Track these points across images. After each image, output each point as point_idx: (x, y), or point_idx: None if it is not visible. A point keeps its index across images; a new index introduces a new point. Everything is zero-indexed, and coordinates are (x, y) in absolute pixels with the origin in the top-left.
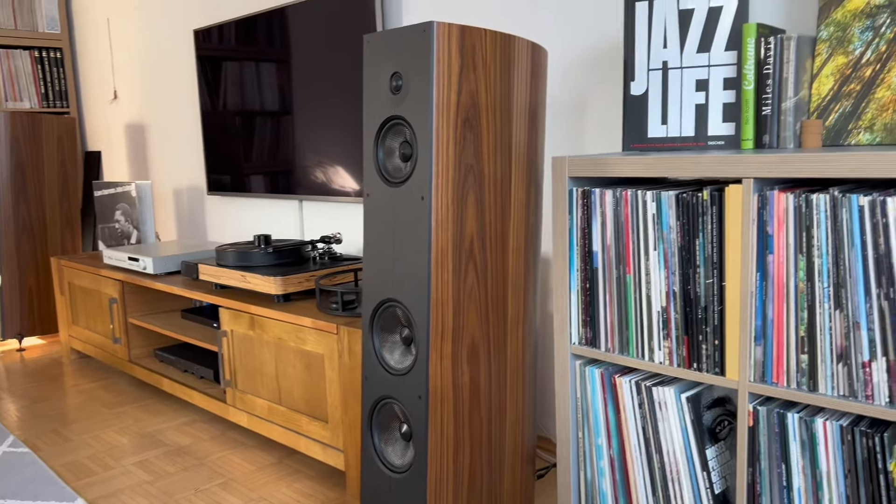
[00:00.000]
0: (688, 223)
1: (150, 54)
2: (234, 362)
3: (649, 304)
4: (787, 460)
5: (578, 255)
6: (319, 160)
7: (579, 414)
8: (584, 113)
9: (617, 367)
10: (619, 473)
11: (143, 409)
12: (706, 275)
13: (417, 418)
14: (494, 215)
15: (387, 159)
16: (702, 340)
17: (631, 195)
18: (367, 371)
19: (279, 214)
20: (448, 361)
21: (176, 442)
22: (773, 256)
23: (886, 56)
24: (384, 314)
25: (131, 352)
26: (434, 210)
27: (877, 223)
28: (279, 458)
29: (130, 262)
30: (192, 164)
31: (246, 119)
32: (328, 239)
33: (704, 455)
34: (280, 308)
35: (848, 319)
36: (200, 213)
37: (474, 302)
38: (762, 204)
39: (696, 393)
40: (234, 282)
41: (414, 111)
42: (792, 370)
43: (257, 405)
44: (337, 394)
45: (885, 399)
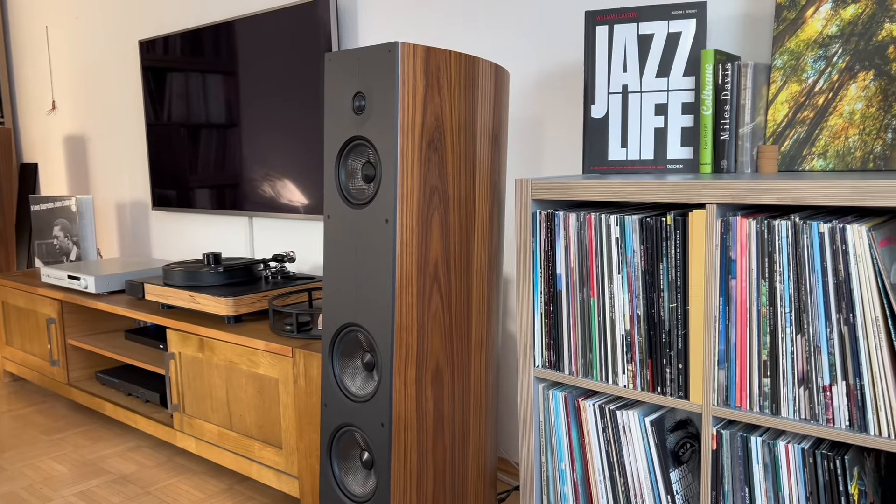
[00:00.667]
0: (651, 247)
1: (91, 64)
2: (182, 385)
3: (613, 328)
4: (750, 483)
5: (542, 277)
6: (268, 174)
7: (542, 438)
8: (542, 135)
9: (580, 390)
10: (582, 498)
11: (83, 434)
12: (670, 299)
13: (380, 446)
14: (459, 237)
15: (349, 180)
16: (665, 364)
17: (595, 218)
18: (326, 398)
19: (228, 231)
20: (412, 387)
21: (119, 470)
22: (735, 281)
23: (838, 85)
24: (345, 339)
25: (70, 374)
26: (399, 233)
27: (836, 250)
28: (230, 485)
29: (70, 280)
30: (136, 178)
31: (193, 132)
32: (281, 257)
33: (669, 478)
34: (231, 330)
35: (809, 344)
36: (145, 229)
37: (438, 325)
38: (725, 229)
39: (660, 416)
40: (183, 302)
41: (378, 132)
42: (755, 394)
43: (207, 430)
44: (292, 419)
45: (846, 422)
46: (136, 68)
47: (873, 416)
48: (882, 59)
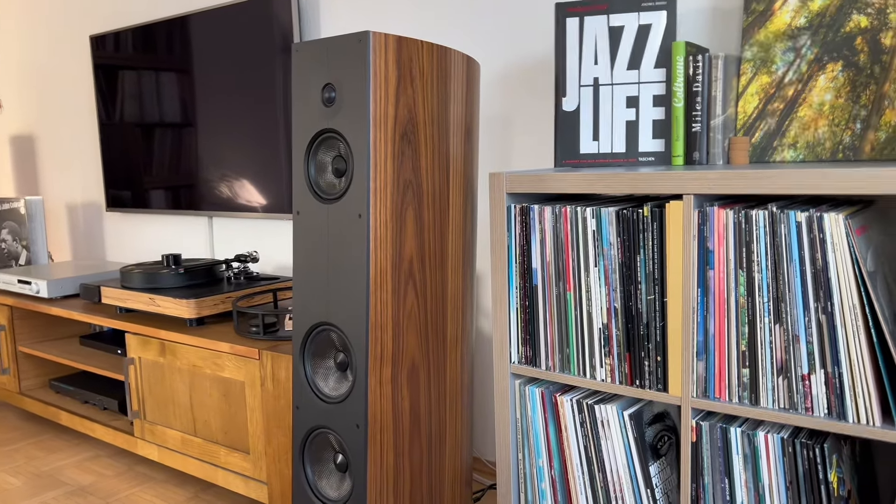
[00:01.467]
0: (629, 239)
1: (39, 61)
2: (142, 391)
3: (590, 321)
4: (730, 474)
5: (517, 272)
6: (227, 173)
7: (519, 435)
8: (511, 128)
9: (557, 385)
10: (560, 494)
11: (37, 445)
12: (648, 291)
13: (355, 448)
14: (433, 233)
15: (318, 175)
16: (644, 357)
17: (570, 211)
18: (298, 400)
19: (187, 232)
20: (387, 387)
21: (77, 481)
22: (713, 272)
23: (808, 76)
24: (317, 339)
25: (22, 383)
26: (373, 228)
27: (814, 238)
28: (195, 493)
29: (21, 285)
30: (88, 178)
31: (148, 130)
32: (244, 257)
33: (648, 472)
34: (194, 332)
35: (788, 333)
36: (98, 231)
37: (414, 323)
38: (703, 220)
39: (638, 409)
40: (142, 305)
41: (349, 124)
42: (734, 384)
43: (169, 437)
44: (259, 423)
45: (824, 411)
46: (87, 65)
47: (852, 403)
48: (850, 50)
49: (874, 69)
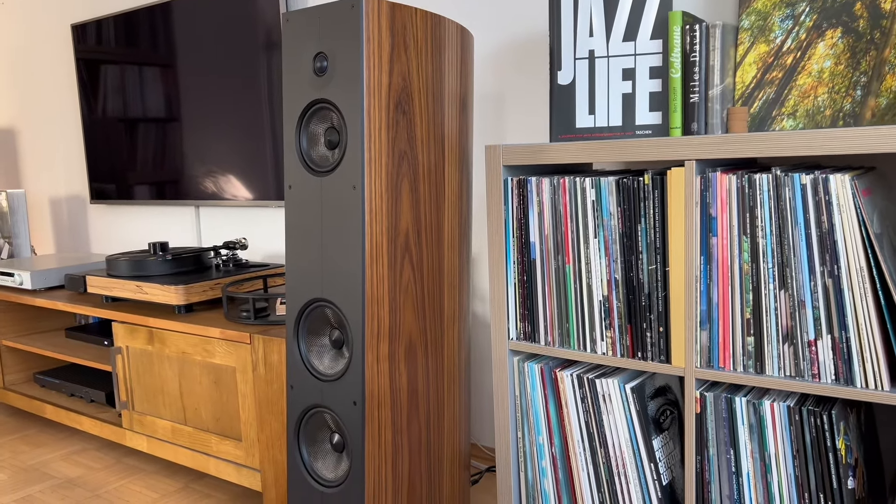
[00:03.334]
0: (629, 209)
1: (20, 52)
2: (130, 382)
3: (590, 294)
4: (735, 445)
5: (515, 246)
6: (212, 162)
7: (518, 412)
8: (504, 105)
9: (557, 360)
10: (561, 472)
11: (22, 440)
12: (649, 261)
13: (352, 426)
14: (429, 206)
15: (311, 147)
16: (646, 328)
17: (569, 182)
18: (292, 379)
19: (174, 222)
20: (385, 363)
21: (64, 474)
22: (716, 239)
23: (806, 44)
24: (311, 316)
25: (5, 377)
26: (367, 200)
27: (819, 201)
28: (185, 483)
29: (3, 277)
30: (71, 171)
31: (133, 120)
32: (232, 244)
33: (651, 446)
34: (183, 319)
35: (793, 299)
36: (83, 223)
37: (411, 298)
38: (705, 186)
39: (640, 383)
40: (129, 293)
41: (342, 94)
42: (738, 353)
43: (159, 427)
44: (251, 409)
45: (832, 377)
46: (69, 56)
47: (859, 368)
48: (849, 16)
49: (874, 35)
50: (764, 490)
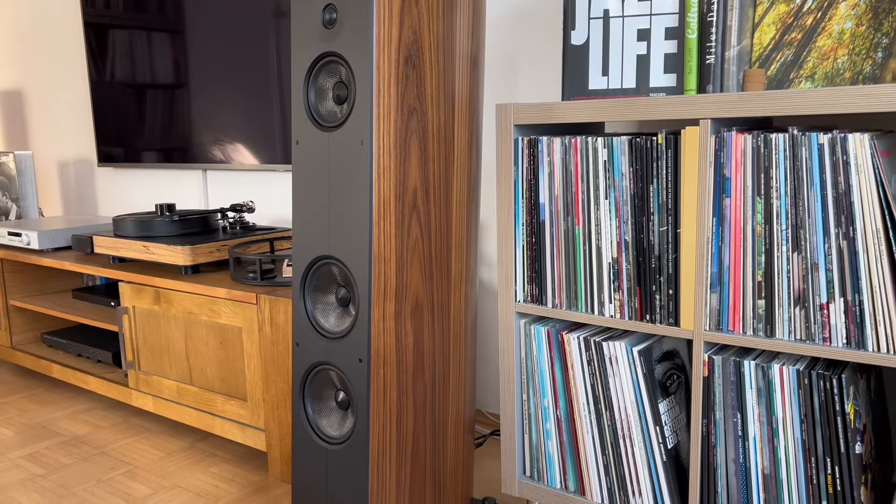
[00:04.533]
0: (641, 169)
1: (28, 14)
2: (136, 341)
3: (599, 256)
4: (742, 409)
5: (524, 208)
6: (220, 124)
7: (524, 375)
8: (515, 64)
9: (564, 323)
10: (566, 434)
11: (29, 398)
12: (660, 222)
13: (358, 384)
14: (438, 165)
15: (319, 102)
16: (655, 291)
17: (581, 142)
18: (298, 337)
19: (181, 186)
20: (391, 321)
21: (71, 431)
22: (730, 200)
23: (828, 4)
24: (317, 273)
25: (13, 337)
26: (376, 156)
27: (837, 161)
28: (191, 443)
29: (11, 237)
30: (79, 134)
31: (141, 84)
32: (239, 207)
33: (657, 409)
34: (189, 280)
35: (806, 261)
36: (90, 186)
37: (418, 258)
38: (719, 146)
39: (648, 346)
40: (136, 253)
41: (351, 47)
42: (748, 316)
43: (165, 387)
44: (257, 369)
45: (843, 340)
46: (77, 18)
47: (872, 331)
48: None
49: None
50: (770, 454)
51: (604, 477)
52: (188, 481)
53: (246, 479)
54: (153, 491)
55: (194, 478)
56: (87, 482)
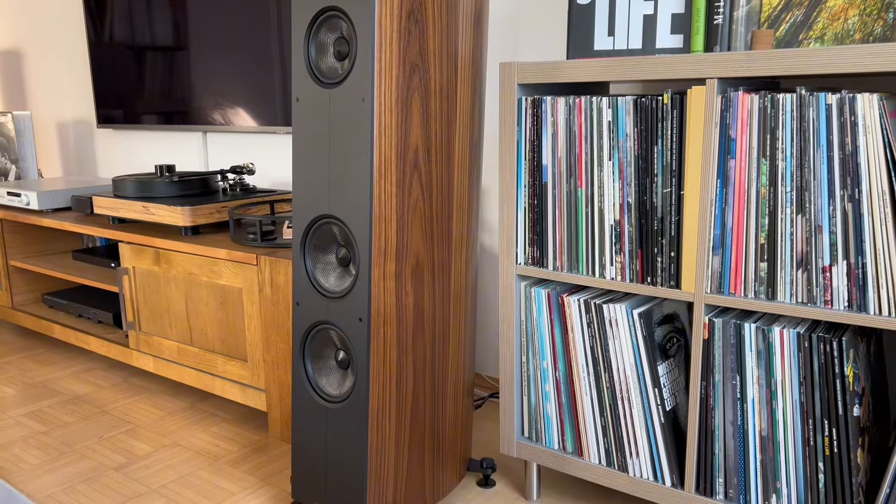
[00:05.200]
0: (646, 130)
1: None
2: (137, 302)
3: (601, 218)
4: (741, 371)
5: (526, 169)
6: (221, 86)
7: (523, 337)
8: (519, 24)
9: (565, 286)
10: (564, 396)
11: (30, 358)
12: (664, 184)
13: (358, 343)
14: (440, 124)
15: (319, 58)
16: (657, 253)
17: (585, 102)
18: (298, 296)
19: (181, 148)
20: (391, 281)
21: (72, 391)
22: (734, 161)
23: None
24: (318, 233)
25: (14, 298)
26: (377, 113)
27: (844, 122)
28: (191, 403)
29: (10, 197)
30: (78, 95)
31: (140, 46)
32: (239, 169)
33: (656, 371)
34: (190, 240)
35: (810, 224)
36: (89, 148)
37: (419, 218)
38: (725, 106)
39: (648, 308)
40: (136, 214)
41: (353, 1)
42: (750, 279)
43: (165, 347)
44: (257, 330)
45: (844, 303)
46: None
47: (874, 294)
48: None
49: None
50: (768, 416)
51: (601, 438)
52: (189, 440)
53: (246, 438)
54: (154, 449)
55: (195, 437)
56: (88, 440)
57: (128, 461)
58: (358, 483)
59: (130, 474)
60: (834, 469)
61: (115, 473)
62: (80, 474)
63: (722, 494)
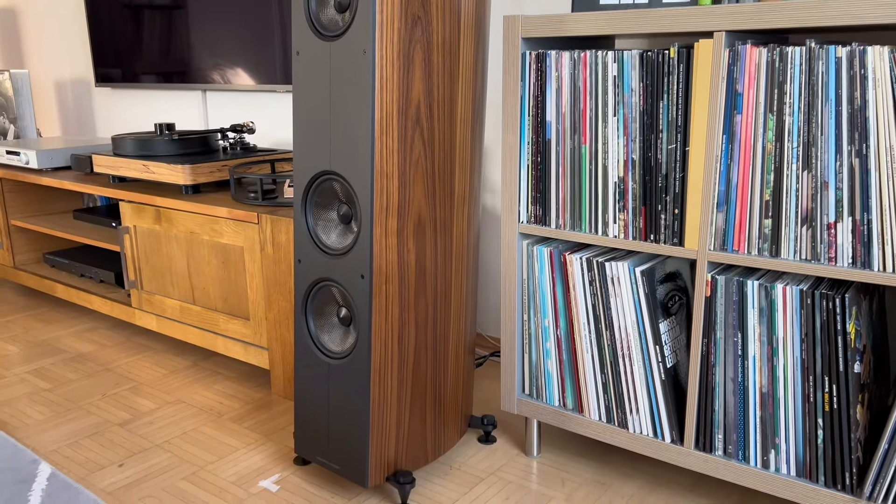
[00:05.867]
0: (652, 84)
1: None
2: (138, 261)
3: (605, 176)
4: (743, 328)
5: (530, 126)
6: (220, 45)
7: (525, 296)
8: None
9: (567, 244)
10: (566, 353)
11: (34, 317)
12: (669, 140)
13: (360, 299)
14: (442, 79)
15: (319, 10)
16: (660, 210)
17: (590, 56)
18: (299, 253)
19: (180, 108)
20: (393, 238)
21: (75, 349)
22: (741, 117)
23: None
24: (319, 189)
25: (16, 257)
26: (378, 66)
27: (854, 75)
28: (194, 362)
29: (9, 156)
30: (76, 53)
31: (140, 2)
32: (239, 127)
33: (657, 328)
34: (190, 199)
35: (816, 180)
36: (88, 107)
37: (421, 174)
38: (733, 59)
39: (651, 266)
40: (136, 173)
41: None
42: (754, 236)
43: (168, 306)
44: (259, 289)
45: (849, 260)
46: None
47: (879, 250)
48: None
49: None
50: (769, 373)
51: (602, 395)
52: (192, 397)
53: (249, 395)
54: (158, 406)
55: (198, 394)
56: (92, 396)
57: (132, 417)
58: (360, 438)
59: (135, 430)
60: (833, 425)
61: (119, 429)
62: (84, 430)
63: (721, 450)
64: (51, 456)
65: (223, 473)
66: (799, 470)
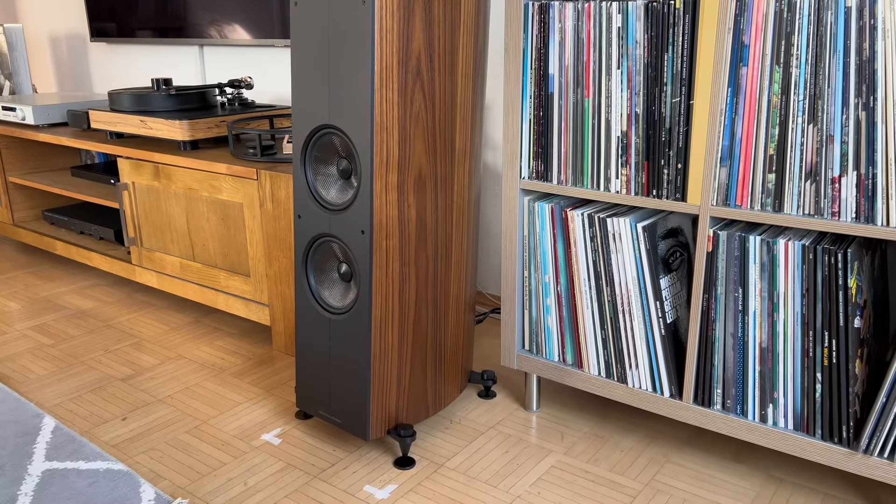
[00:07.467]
0: (657, 36)
1: None
2: (137, 218)
3: (608, 130)
4: (744, 284)
5: (532, 79)
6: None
7: (526, 252)
8: None
9: (569, 200)
10: (566, 309)
11: (34, 274)
12: (673, 93)
13: (360, 255)
14: (443, 30)
15: None
16: (663, 165)
17: (594, 7)
18: (299, 209)
19: (177, 63)
20: (393, 193)
21: (76, 305)
22: (747, 69)
23: None
24: (318, 144)
25: (14, 214)
26: (378, 17)
27: (863, 26)
28: (195, 318)
29: (5, 112)
30: (70, 7)
31: None
32: (237, 83)
33: (658, 284)
34: (188, 155)
35: (821, 133)
36: (83, 62)
37: (422, 129)
38: (740, 10)
39: (653, 222)
40: (133, 128)
41: None
42: (757, 191)
43: (168, 263)
44: (259, 245)
45: (852, 215)
46: None
47: (883, 205)
48: None
49: None
50: (769, 328)
51: (602, 350)
52: (193, 353)
53: (250, 351)
54: (159, 361)
55: (199, 350)
56: (94, 352)
57: (134, 372)
58: (361, 391)
59: (137, 385)
60: (832, 379)
61: (121, 384)
62: (87, 384)
63: (720, 405)
64: (54, 410)
65: (225, 427)
66: (796, 424)
